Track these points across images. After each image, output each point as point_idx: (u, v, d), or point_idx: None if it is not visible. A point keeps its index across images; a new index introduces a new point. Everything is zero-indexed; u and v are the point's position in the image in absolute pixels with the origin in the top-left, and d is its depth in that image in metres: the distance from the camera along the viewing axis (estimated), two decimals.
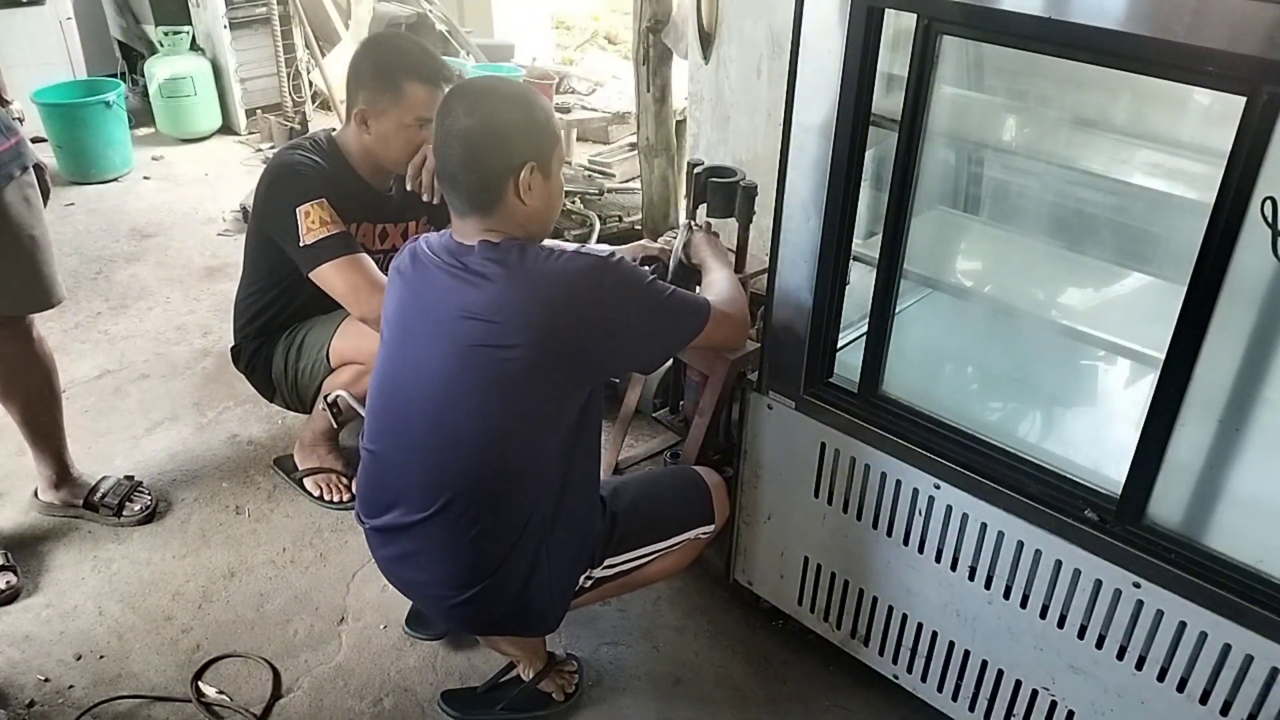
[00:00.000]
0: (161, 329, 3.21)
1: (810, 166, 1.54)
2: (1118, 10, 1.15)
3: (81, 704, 1.88)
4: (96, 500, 2.35)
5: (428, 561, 1.62)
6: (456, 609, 1.62)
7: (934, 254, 1.90)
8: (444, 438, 1.54)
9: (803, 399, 1.74)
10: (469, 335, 1.48)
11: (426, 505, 1.56)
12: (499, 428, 1.51)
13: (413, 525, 1.59)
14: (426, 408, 1.54)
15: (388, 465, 1.63)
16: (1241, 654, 1.35)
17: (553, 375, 1.49)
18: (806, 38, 1.46)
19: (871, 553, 1.76)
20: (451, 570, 1.59)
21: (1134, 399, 1.84)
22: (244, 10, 4.81)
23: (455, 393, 1.51)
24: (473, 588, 1.58)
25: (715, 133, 3.18)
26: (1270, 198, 1.12)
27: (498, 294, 1.47)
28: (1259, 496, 1.37)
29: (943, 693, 1.77)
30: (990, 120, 1.90)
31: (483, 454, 1.52)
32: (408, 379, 1.58)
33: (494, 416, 1.50)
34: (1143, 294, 1.85)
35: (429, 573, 1.63)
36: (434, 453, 1.55)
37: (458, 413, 1.52)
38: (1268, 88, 1.07)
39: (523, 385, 1.48)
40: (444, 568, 1.60)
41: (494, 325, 1.46)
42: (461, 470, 1.53)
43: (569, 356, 1.49)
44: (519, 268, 1.48)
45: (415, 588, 1.72)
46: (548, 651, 1.92)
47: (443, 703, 1.89)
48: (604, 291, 1.50)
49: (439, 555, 1.59)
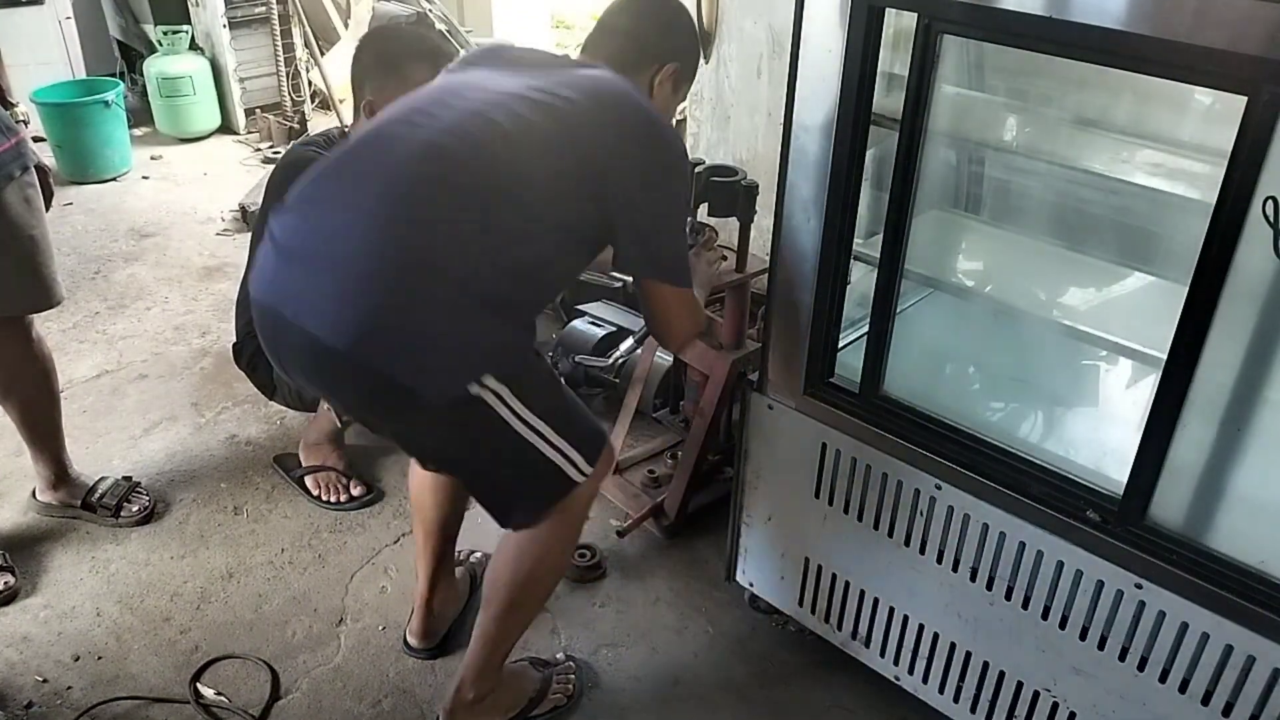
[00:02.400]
0: (160, 329, 3.21)
1: (810, 166, 1.54)
2: (1118, 10, 1.15)
3: (80, 705, 1.87)
4: (94, 501, 2.34)
5: (345, 255, 1.42)
6: (341, 333, 1.40)
7: (935, 254, 1.90)
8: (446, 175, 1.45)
9: (803, 399, 1.73)
10: (532, 100, 1.46)
11: (376, 214, 1.42)
12: (511, 188, 1.45)
13: (349, 227, 1.43)
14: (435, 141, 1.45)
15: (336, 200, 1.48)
16: (1244, 655, 1.34)
17: (581, 183, 1.47)
18: (806, 37, 1.46)
19: (872, 553, 1.76)
20: (373, 268, 1.41)
21: (1136, 399, 1.84)
22: (243, 10, 4.80)
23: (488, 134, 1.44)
24: (385, 299, 1.40)
25: (715, 132, 3.18)
26: (1272, 197, 1.12)
27: (580, 86, 1.49)
28: (1261, 497, 1.36)
29: (944, 694, 1.77)
30: (991, 120, 1.89)
31: (482, 207, 1.44)
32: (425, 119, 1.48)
33: (511, 173, 1.45)
34: (1144, 294, 1.85)
35: (334, 274, 1.42)
36: (421, 186, 1.44)
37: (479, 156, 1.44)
38: (1269, 87, 1.07)
39: (555, 169, 1.46)
40: (366, 264, 1.41)
41: (563, 101, 1.46)
42: (446, 217, 1.44)
43: (603, 176, 1.47)
44: (616, 81, 1.53)
45: (304, 300, 1.44)
46: (536, 664, 1.94)
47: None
48: (670, 159, 1.53)
49: (364, 251, 1.41)
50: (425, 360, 1.42)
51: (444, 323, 1.42)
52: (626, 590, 2.20)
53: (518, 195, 1.46)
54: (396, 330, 1.40)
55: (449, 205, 1.44)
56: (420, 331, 1.41)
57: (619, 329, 2.80)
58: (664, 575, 2.24)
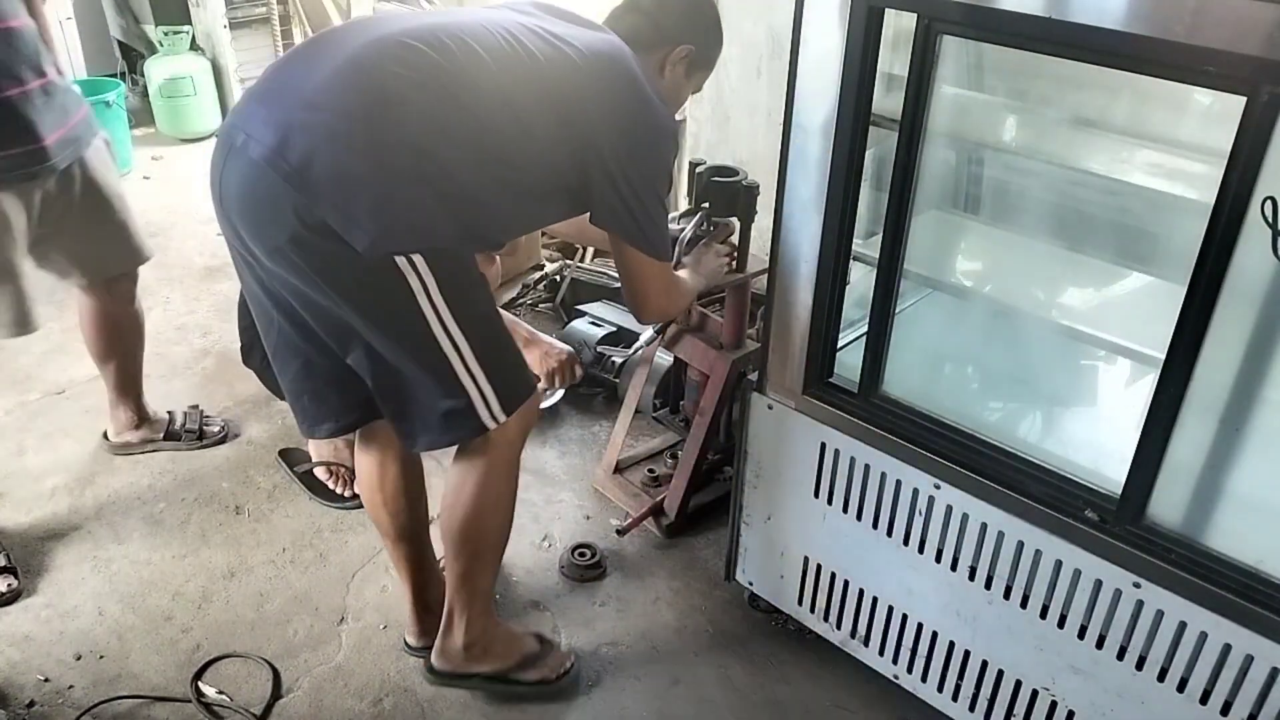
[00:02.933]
0: (161, 329, 3.21)
1: (810, 166, 1.54)
2: (1118, 10, 1.15)
3: (81, 704, 1.88)
4: (179, 429, 2.59)
5: (307, 87, 1.44)
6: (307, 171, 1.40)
7: (934, 254, 1.90)
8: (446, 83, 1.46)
9: (803, 399, 1.74)
10: (542, 37, 1.50)
11: (355, 59, 1.44)
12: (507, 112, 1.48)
13: (322, 66, 1.45)
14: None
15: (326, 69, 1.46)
16: (1242, 654, 1.35)
17: (569, 130, 1.51)
18: (806, 38, 1.46)
19: (871, 553, 1.76)
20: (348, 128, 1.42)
21: (1134, 399, 1.84)
22: (244, 10, 4.80)
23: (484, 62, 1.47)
24: (335, 136, 1.41)
25: (715, 133, 3.19)
26: (1270, 198, 1.12)
27: (592, 47, 1.53)
28: (1259, 496, 1.37)
29: (943, 693, 1.77)
30: (990, 120, 1.90)
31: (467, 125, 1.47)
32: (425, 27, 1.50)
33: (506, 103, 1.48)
34: (1143, 294, 1.85)
35: (290, 103, 1.44)
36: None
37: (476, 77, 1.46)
38: (1268, 87, 1.07)
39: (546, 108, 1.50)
40: (326, 96, 1.42)
41: (573, 52, 1.51)
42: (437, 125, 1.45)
43: (590, 135, 1.52)
44: (625, 55, 1.56)
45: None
46: (535, 638, 1.97)
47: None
48: (654, 137, 1.58)
49: (328, 84, 1.43)
50: (359, 210, 1.41)
51: (388, 180, 1.43)
52: (626, 590, 2.20)
53: (510, 107, 1.48)
54: (335, 174, 1.40)
55: (433, 77, 1.44)
56: (360, 185, 1.41)
57: (619, 329, 2.80)
58: (664, 575, 2.24)
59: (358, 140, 1.41)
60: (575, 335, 2.84)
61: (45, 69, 1.99)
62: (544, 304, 3.24)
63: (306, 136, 1.40)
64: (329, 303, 1.50)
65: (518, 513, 2.05)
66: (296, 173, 1.39)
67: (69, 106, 2.05)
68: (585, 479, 2.54)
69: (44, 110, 1.97)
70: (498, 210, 1.57)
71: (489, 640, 1.89)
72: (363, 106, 1.42)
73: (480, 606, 1.85)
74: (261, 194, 1.43)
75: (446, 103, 1.45)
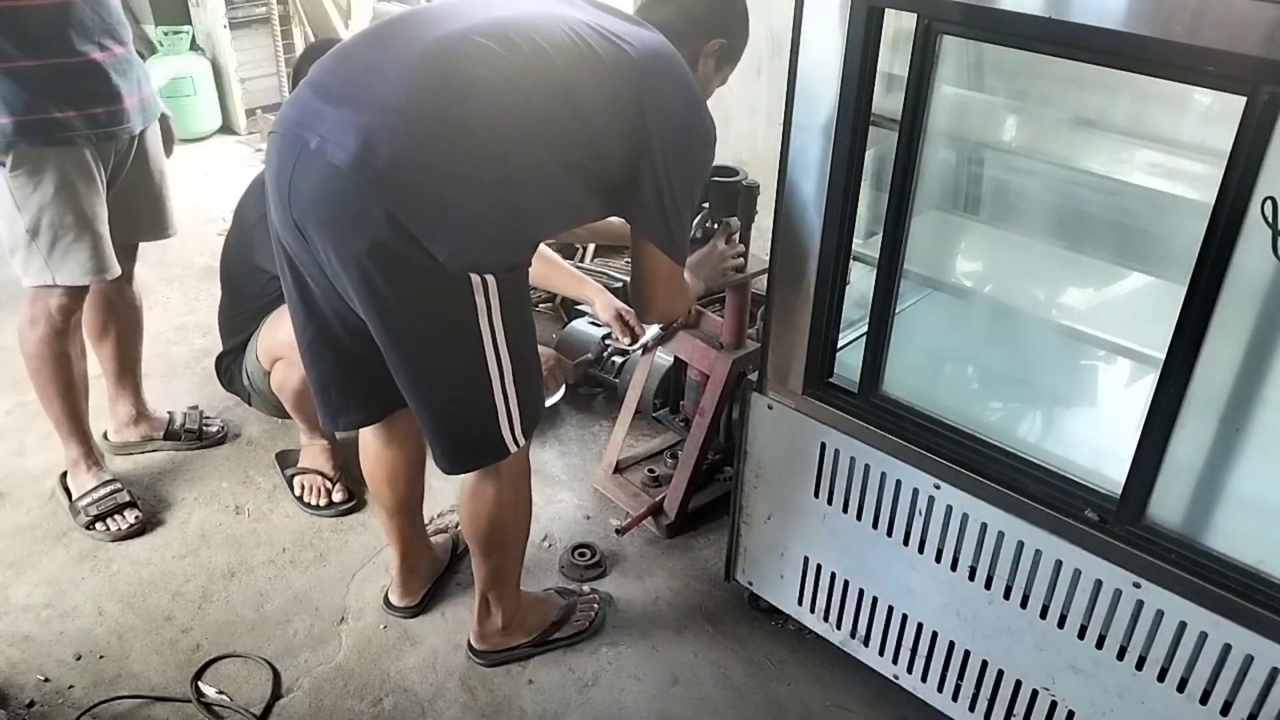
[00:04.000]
0: (161, 329, 3.21)
1: (810, 166, 1.54)
2: (1118, 10, 1.15)
3: (81, 704, 1.88)
4: (178, 429, 2.61)
5: (381, 91, 1.41)
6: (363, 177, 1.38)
7: (934, 254, 1.90)
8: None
9: (803, 399, 1.74)
10: (598, 33, 1.48)
11: (424, 60, 1.41)
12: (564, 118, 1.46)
13: (388, 65, 1.42)
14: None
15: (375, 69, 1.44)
16: (1242, 654, 1.35)
17: (627, 123, 1.49)
18: (806, 38, 1.46)
19: (871, 553, 1.76)
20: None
21: (1134, 399, 1.84)
22: (244, 10, 4.80)
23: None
24: (414, 143, 1.38)
25: None
26: (1270, 198, 1.12)
27: (643, 42, 1.51)
28: (1259, 496, 1.37)
29: (943, 693, 1.77)
30: (990, 120, 1.90)
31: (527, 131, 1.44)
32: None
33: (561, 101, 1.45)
34: (1143, 294, 1.85)
35: (367, 108, 1.40)
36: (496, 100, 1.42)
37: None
38: (1268, 87, 1.07)
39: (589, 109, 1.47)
40: (403, 99, 1.40)
41: (628, 47, 1.48)
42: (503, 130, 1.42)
43: (644, 129, 1.49)
44: (672, 51, 1.54)
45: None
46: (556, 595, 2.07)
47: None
48: (702, 136, 1.57)
49: (403, 88, 1.40)
50: (440, 222, 1.40)
51: (469, 190, 1.41)
52: (626, 590, 2.20)
53: (576, 106, 1.46)
54: (420, 182, 1.38)
55: (507, 78, 1.41)
56: (441, 192, 1.40)
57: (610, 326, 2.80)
58: (664, 575, 2.24)
59: (441, 145, 1.39)
60: (575, 335, 2.84)
61: (126, 40, 2.12)
62: (544, 304, 3.24)
63: (391, 141, 1.37)
64: (390, 299, 1.49)
65: None
66: (383, 178, 1.36)
67: (141, 78, 2.20)
68: (585, 479, 2.54)
69: (125, 76, 2.11)
70: (554, 213, 1.57)
71: (522, 614, 1.98)
72: (440, 109, 1.40)
73: (511, 590, 1.94)
74: (345, 200, 1.40)
75: (520, 105, 1.42)
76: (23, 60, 1.92)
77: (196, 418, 2.65)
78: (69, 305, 2.19)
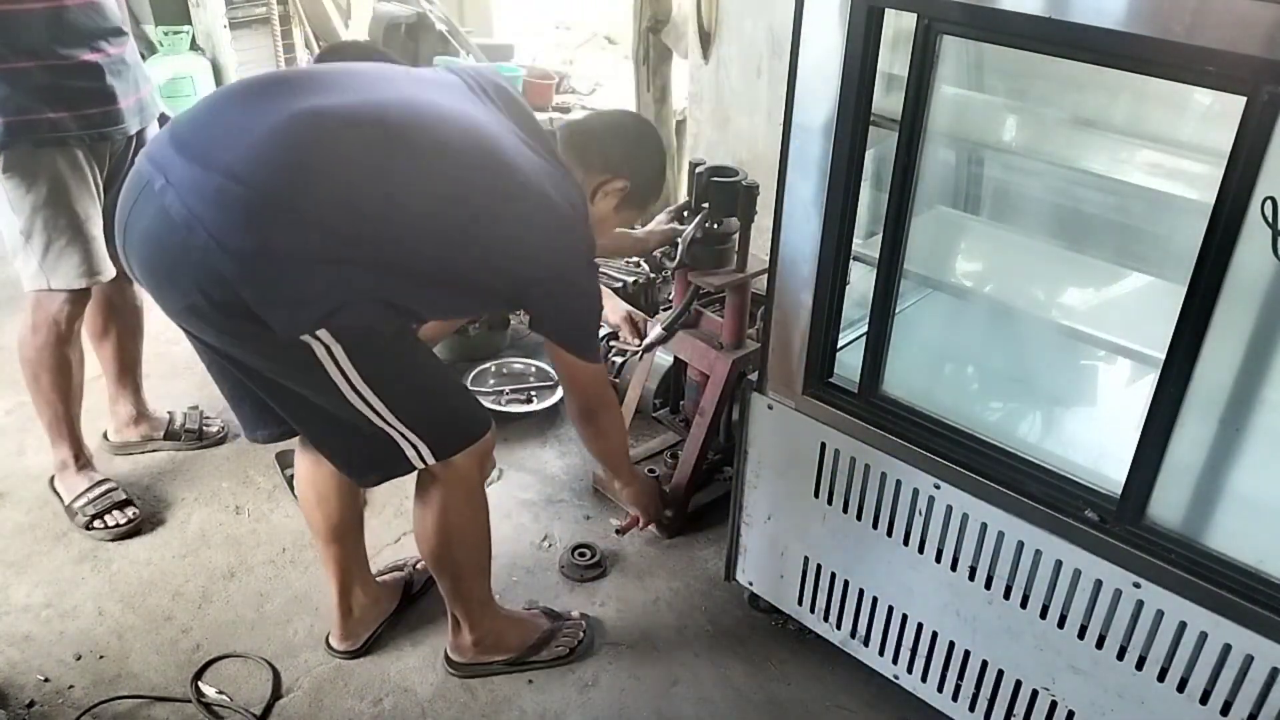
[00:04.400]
0: (161, 329, 3.18)
1: (810, 166, 1.54)
2: (1118, 10, 1.15)
3: (81, 704, 1.88)
4: (179, 429, 2.62)
5: (229, 156, 1.37)
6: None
7: (934, 254, 1.90)
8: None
9: (803, 399, 1.74)
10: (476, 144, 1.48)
11: (280, 129, 1.38)
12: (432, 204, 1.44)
13: (246, 131, 1.39)
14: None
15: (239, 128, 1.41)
16: (1242, 654, 1.35)
17: (493, 262, 1.52)
18: (806, 38, 1.46)
19: (871, 553, 1.76)
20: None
21: (1134, 399, 1.84)
22: (244, 10, 4.80)
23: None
24: (253, 213, 1.35)
25: (715, 133, 3.19)
26: (1270, 198, 1.12)
27: (533, 167, 1.52)
28: (1259, 496, 1.37)
29: (943, 693, 1.77)
30: (990, 120, 1.90)
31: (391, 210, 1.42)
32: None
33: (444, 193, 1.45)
34: (1143, 294, 1.85)
35: (212, 169, 1.37)
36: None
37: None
38: (1268, 87, 1.07)
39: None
40: (247, 169, 1.36)
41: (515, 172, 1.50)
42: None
43: (520, 274, 1.55)
44: (560, 188, 1.55)
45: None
46: (542, 615, 2.03)
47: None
48: (573, 263, 1.59)
49: (251, 156, 1.37)
50: (269, 296, 1.37)
51: (303, 275, 1.38)
52: (626, 590, 2.20)
53: (442, 217, 1.45)
54: (248, 255, 1.35)
55: (375, 167, 1.40)
56: (272, 269, 1.37)
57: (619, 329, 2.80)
58: (664, 575, 2.24)
59: (278, 226, 1.36)
60: None
61: (123, 41, 2.13)
62: None
63: (225, 209, 1.34)
64: (229, 360, 1.52)
65: (518, 513, 2.06)
66: (206, 247, 1.33)
67: (139, 79, 2.20)
68: (585, 479, 2.54)
69: (121, 77, 2.11)
70: (422, 301, 1.55)
71: (497, 633, 1.95)
72: (290, 187, 1.36)
73: (478, 610, 1.90)
74: (172, 254, 1.38)
75: (382, 200, 1.40)
76: (15, 62, 1.92)
77: (197, 418, 2.65)
78: (73, 312, 2.19)
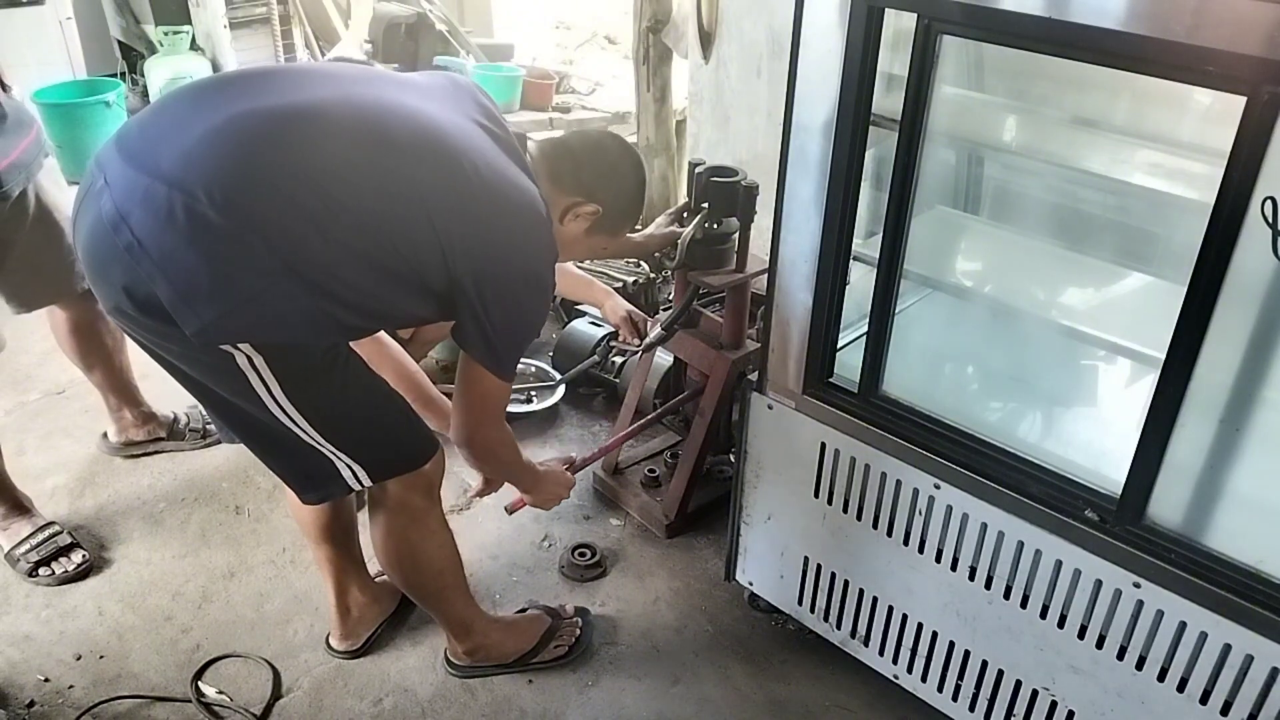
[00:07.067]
0: None
1: (810, 166, 1.54)
2: (1118, 10, 1.15)
3: (81, 704, 1.88)
4: (183, 428, 2.62)
5: (159, 157, 1.36)
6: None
7: (934, 254, 1.90)
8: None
9: (803, 399, 1.74)
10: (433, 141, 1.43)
11: (215, 132, 1.35)
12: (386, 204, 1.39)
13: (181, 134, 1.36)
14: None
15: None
16: (1242, 654, 1.35)
17: (435, 258, 1.43)
18: (806, 38, 1.46)
19: (871, 553, 1.76)
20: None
21: (1134, 399, 1.84)
22: (244, 10, 4.81)
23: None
24: (176, 217, 1.31)
25: (715, 133, 3.19)
26: (1270, 197, 1.12)
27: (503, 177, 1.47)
28: (1259, 496, 1.37)
29: (943, 693, 1.77)
30: (990, 120, 1.90)
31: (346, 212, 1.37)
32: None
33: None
34: (1143, 294, 1.85)
35: (143, 168, 1.36)
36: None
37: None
38: (1268, 87, 1.07)
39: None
40: (177, 171, 1.34)
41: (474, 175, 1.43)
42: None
43: (453, 266, 1.44)
44: (531, 196, 1.50)
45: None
46: (543, 613, 2.04)
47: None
48: (515, 281, 1.49)
49: (183, 159, 1.34)
50: (189, 301, 1.34)
51: (225, 278, 1.34)
52: (626, 590, 2.20)
53: (388, 213, 1.40)
54: (167, 257, 1.32)
55: (312, 165, 1.36)
56: (192, 273, 1.33)
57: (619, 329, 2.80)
58: (664, 575, 2.24)
59: (204, 229, 1.31)
60: (575, 335, 2.84)
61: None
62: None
63: (150, 209, 1.32)
64: (159, 359, 1.50)
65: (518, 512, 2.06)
66: (130, 247, 1.33)
67: (20, 127, 1.97)
68: (585, 479, 2.54)
69: None
70: (359, 308, 1.46)
71: (491, 641, 1.95)
72: (220, 188, 1.32)
73: (462, 624, 1.91)
74: (102, 253, 1.38)
75: (317, 197, 1.36)
76: None
77: (199, 417, 2.64)
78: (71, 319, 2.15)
